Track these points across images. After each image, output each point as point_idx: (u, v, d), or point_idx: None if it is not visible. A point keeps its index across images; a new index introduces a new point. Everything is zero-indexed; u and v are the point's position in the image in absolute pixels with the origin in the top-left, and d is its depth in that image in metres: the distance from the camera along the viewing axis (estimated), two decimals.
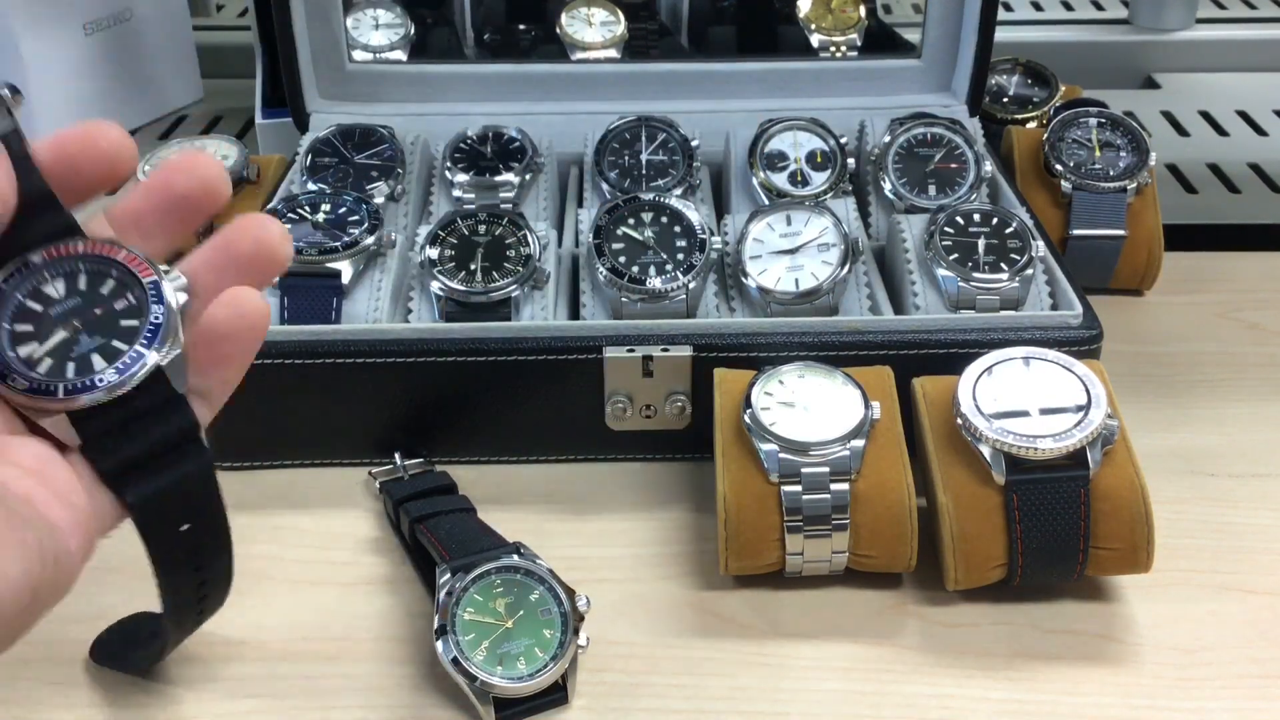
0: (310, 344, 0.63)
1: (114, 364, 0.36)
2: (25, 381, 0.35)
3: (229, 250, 0.39)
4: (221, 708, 0.52)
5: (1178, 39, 1.19)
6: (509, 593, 0.52)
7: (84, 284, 0.37)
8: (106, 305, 0.37)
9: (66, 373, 0.36)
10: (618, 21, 0.91)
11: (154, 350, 0.36)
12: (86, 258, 0.37)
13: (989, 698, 0.52)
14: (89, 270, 0.37)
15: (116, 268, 0.37)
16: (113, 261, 0.37)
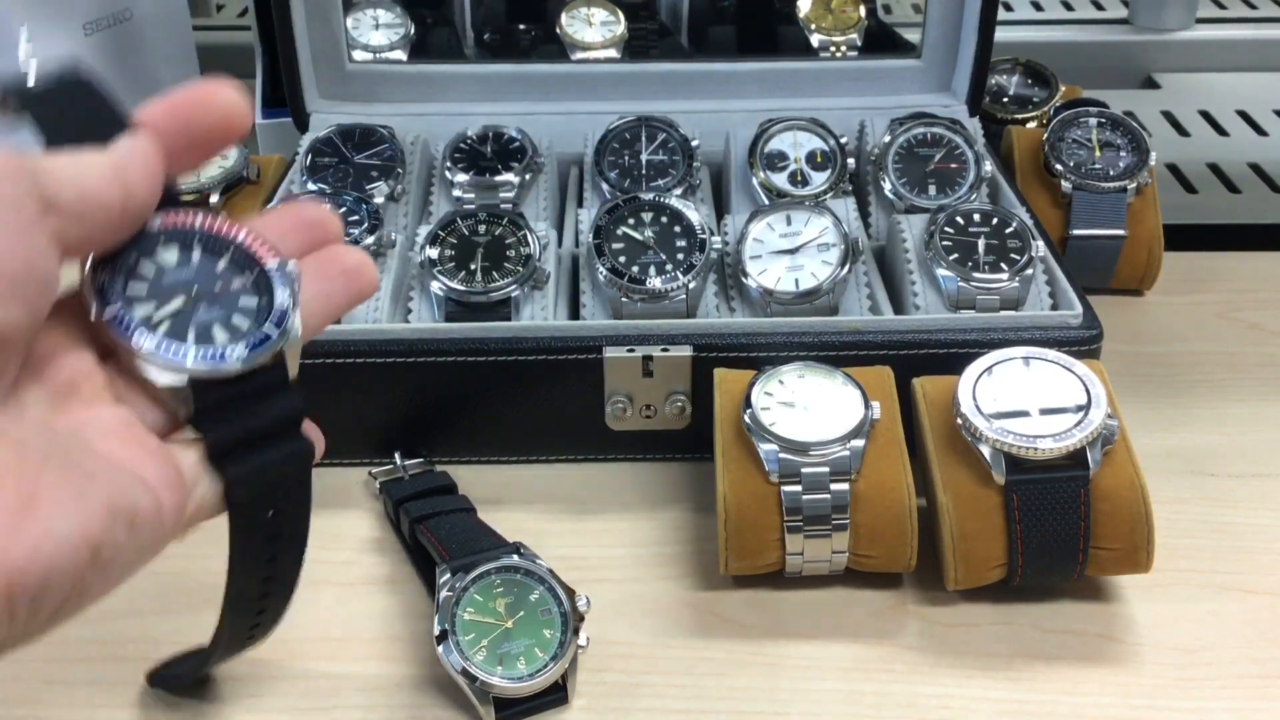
0: (310, 344, 0.62)
1: (242, 340, 0.36)
2: (151, 341, 0.34)
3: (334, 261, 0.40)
4: (222, 708, 0.52)
5: (1178, 39, 1.19)
6: (509, 593, 0.52)
7: (198, 257, 0.37)
8: (224, 281, 0.37)
9: (187, 339, 0.35)
10: (618, 21, 0.91)
11: (281, 332, 0.36)
12: (204, 232, 0.37)
13: (989, 698, 0.52)
14: (205, 244, 0.37)
15: (233, 246, 0.37)
16: (230, 240, 0.37)
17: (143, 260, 0.36)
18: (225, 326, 0.36)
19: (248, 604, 0.42)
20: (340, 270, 0.40)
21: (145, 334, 0.34)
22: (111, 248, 0.35)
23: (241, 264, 0.37)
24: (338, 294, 0.40)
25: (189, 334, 0.35)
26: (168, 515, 0.33)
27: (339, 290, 0.40)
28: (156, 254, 0.36)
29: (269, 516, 0.38)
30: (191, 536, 0.65)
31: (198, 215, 0.37)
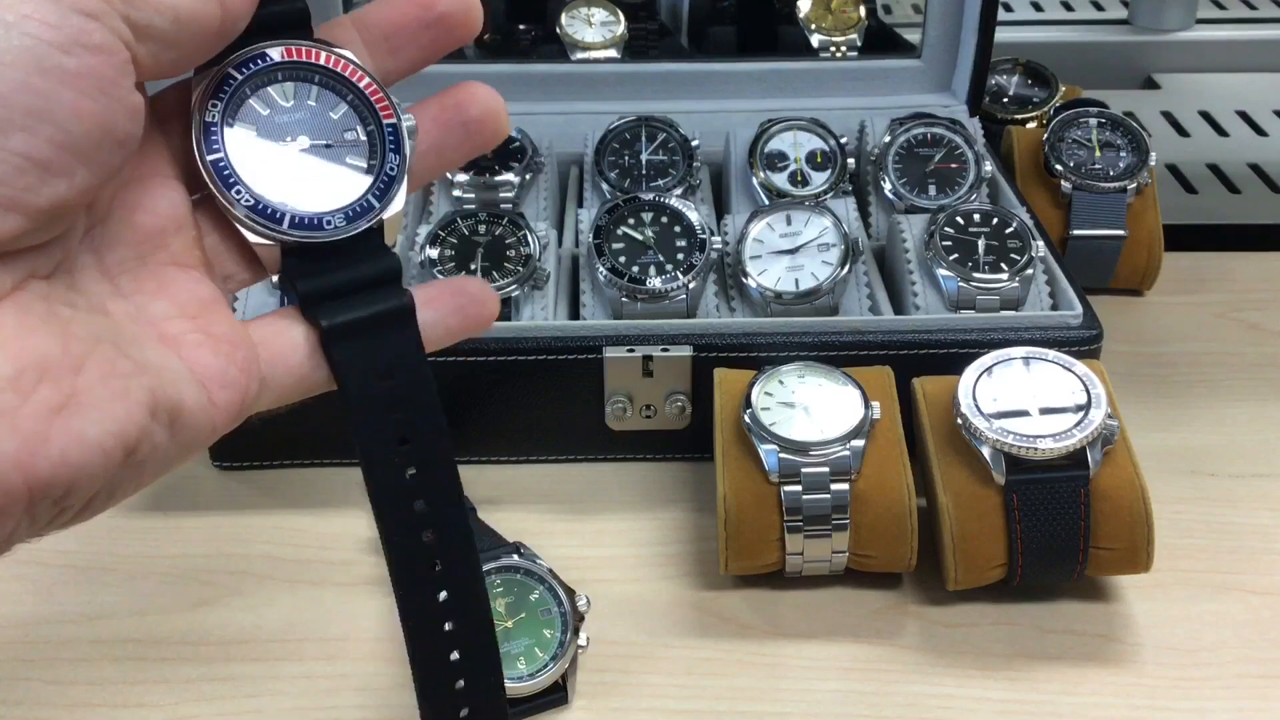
0: None
1: (342, 209, 0.34)
2: (250, 198, 0.33)
3: (460, 111, 0.37)
4: (221, 707, 0.52)
5: (1178, 39, 1.19)
6: (509, 593, 0.52)
7: (314, 96, 0.34)
8: (338, 130, 0.35)
9: (288, 196, 0.33)
10: (618, 21, 0.91)
11: (384, 203, 0.34)
12: (325, 70, 0.34)
13: (989, 698, 0.52)
14: (325, 84, 0.34)
15: (355, 93, 0.35)
16: (353, 85, 0.35)
17: (258, 94, 0.34)
18: (329, 186, 0.34)
19: (397, 502, 0.35)
20: (462, 121, 0.37)
21: (244, 191, 0.33)
22: (226, 77, 0.33)
23: (360, 113, 0.35)
24: (454, 147, 0.37)
25: (291, 189, 0.33)
26: (218, 414, 0.32)
27: (456, 143, 0.37)
28: (272, 89, 0.34)
29: (382, 381, 0.34)
30: (191, 536, 0.65)
31: (322, 52, 0.34)
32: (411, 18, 0.36)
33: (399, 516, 0.35)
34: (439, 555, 0.36)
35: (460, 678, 0.37)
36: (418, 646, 0.36)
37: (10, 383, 0.27)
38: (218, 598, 0.58)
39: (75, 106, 0.28)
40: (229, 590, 0.59)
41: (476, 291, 0.38)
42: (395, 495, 0.34)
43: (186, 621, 0.57)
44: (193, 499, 0.64)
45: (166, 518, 0.62)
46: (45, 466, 0.27)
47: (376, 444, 0.34)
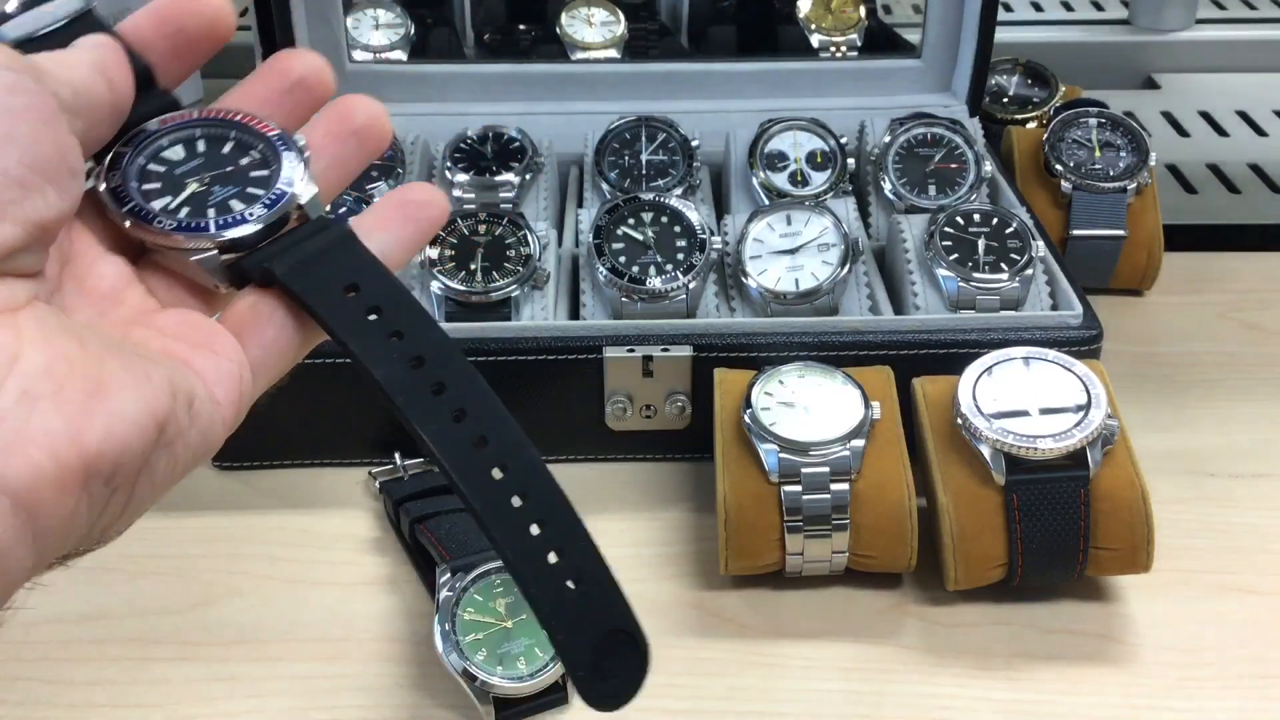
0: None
1: (260, 200, 0.36)
2: (173, 222, 0.35)
3: (346, 122, 0.39)
4: (221, 707, 0.52)
5: (1178, 39, 1.19)
6: (509, 593, 0.52)
7: (204, 146, 0.37)
8: (233, 161, 0.37)
9: (208, 215, 0.35)
10: (618, 21, 0.91)
11: (295, 188, 0.36)
12: (203, 122, 0.37)
13: (989, 698, 0.52)
14: (207, 134, 0.37)
15: (235, 128, 0.37)
16: (231, 123, 0.37)
17: (150, 161, 0.36)
18: (241, 198, 0.36)
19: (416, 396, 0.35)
20: (351, 130, 0.39)
21: (164, 219, 0.35)
22: (116, 154, 0.36)
23: (246, 143, 0.37)
24: (351, 156, 0.39)
25: (208, 212, 0.36)
26: (224, 409, 0.34)
27: (351, 152, 0.39)
28: (162, 153, 0.37)
29: (351, 295, 0.35)
30: (191, 536, 0.65)
31: (193, 110, 0.37)
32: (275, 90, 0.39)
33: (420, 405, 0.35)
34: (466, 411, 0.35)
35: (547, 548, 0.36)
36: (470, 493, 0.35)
37: (45, 371, 0.29)
38: (218, 598, 0.58)
39: (33, 134, 0.31)
40: (229, 590, 0.59)
41: (419, 195, 0.39)
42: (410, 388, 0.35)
43: (186, 621, 0.57)
44: (193, 499, 0.64)
45: (166, 518, 0.62)
46: (93, 441, 0.29)
47: (366, 339, 0.35)
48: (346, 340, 0.34)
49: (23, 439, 0.28)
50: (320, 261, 0.36)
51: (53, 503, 0.29)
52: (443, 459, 0.34)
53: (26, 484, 0.28)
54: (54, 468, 0.28)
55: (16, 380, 0.29)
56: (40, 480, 0.28)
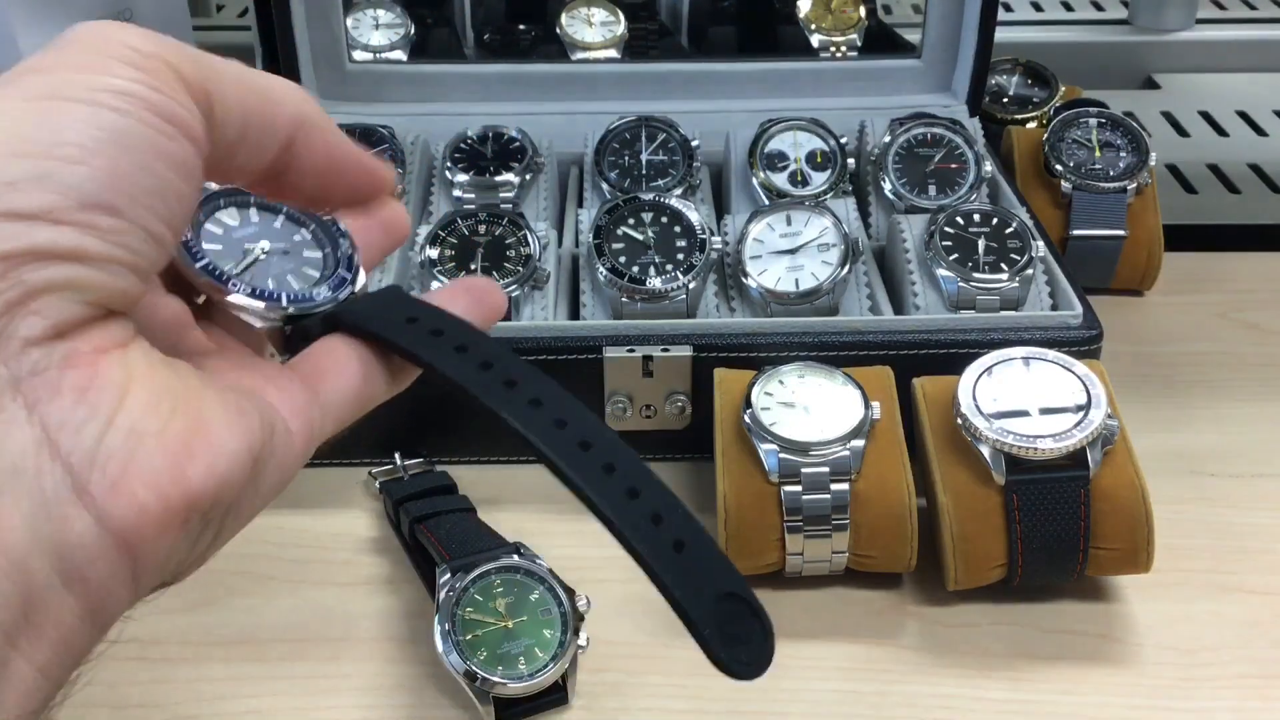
0: None
1: (324, 283, 0.38)
2: (248, 287, 0.36)
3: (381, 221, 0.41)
4: (221, 708, 0.52)
5: (1178, 39, 1.19)
6: (509, 593, 0.52)
7: (255, 215, 0.39)
8: (287, 235, 0.39)
9: (269, 287, 0.37)
10: (618, 21, 0.91)
11: (353, 273, 0.38)
12: (256, 196, 0.39)
13: (989, 698, 0.52)
14: (259, 205, 0.39)
15: (285, 207, 0.39)
16: (281, 206, 0.39)
17: (210, 219, 0.38)
18: (298, 277, 0.38)
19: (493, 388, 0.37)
20: (379, 221, 0.41)
21: (238, 283, 0.36)
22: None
23: (296, 220, 0.39)
24: (376, 244, 0.41)
25: (268, 283, 0.37)
26: (296, 441, 0.34)
27: (377, 241, 0.41)
28: (220, 214, 0.38)
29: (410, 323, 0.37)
30: None
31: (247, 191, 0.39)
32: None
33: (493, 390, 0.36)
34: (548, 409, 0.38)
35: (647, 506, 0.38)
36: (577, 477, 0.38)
37: (151, 408, 0.30)
38: (218, 598, 0.58)
39: (177, 189, 0.31)
40: (229, 590, 0.59)
41: (484, 285, 0.41)
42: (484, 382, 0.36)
43: (186, 621, 0.57)
44: None
45: None
46: (196, 479, 0.30)
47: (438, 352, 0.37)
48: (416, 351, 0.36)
49: (129, 477, 0.29)
50: (378, 305, 0.38)
51: (155, 540, 0.29)
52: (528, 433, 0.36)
53: (132, 523, 0.28)
54: (158, 506, 0.29)
55: (125, 417, 0.29)
56: (145, 519, 0.29)
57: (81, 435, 0.28)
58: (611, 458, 0.38)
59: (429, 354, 0.36)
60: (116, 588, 0.29)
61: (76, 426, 0.28)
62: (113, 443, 0.29)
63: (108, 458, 0.28)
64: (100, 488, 0.28)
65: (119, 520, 0.28)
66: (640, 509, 0.37)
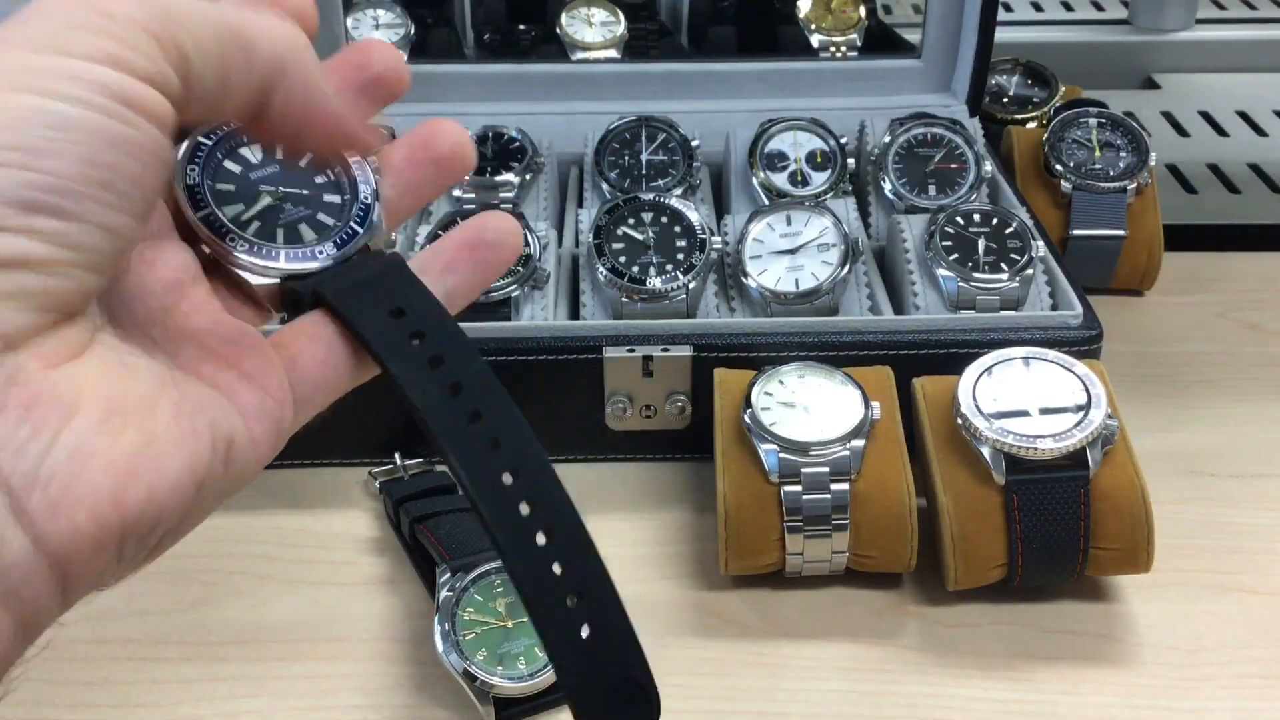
0: None
1: (329, 238, 0.36)
2: (244, 243, 0.35)
3: (428, 148, 0.39)
4: (221, 707, 0.52)
5: (1178, 39, 1.19)
6: (509, 593, 0.52)
7: (280, 151, 0.37)
8: (307, 178, 0.37)
9: (277, 239, 0.36)
10: (618, 21, 0.91)
11: (365, 228, 0.37)
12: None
13: (989, 698, 0.52)
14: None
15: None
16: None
17: (227, 159, 0.36)
18: (312, 224, 0.36)
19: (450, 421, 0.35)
20: (432, 158, 0.39)
21: (237, 238, 0.35)
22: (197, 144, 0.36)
23: (323, 161, 0.37)
24: (428, 183, 0.39)
25: (278, 234, 0.36)
26: (260, 447, 0.33)
27: (428, 179, 0.39)
28: (240, 151, 0.36)
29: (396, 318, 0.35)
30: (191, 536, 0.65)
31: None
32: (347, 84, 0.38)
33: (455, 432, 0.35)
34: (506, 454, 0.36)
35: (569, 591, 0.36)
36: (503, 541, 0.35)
37: (102, 425, 0.29)
38: (218, 598, 0.58)
39: (134, 175, 0.30)
40: (229, 590, 0.59)
41: (494, 234, 0.39)
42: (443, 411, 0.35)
43: (186, 621, 0.57)
44: None
45: None
46: (134, 503, 0.29)
47: (410, 366, 0.35)
48: (387, 363, 0.34)
49: (69, 501, 0.28)
50: (370, 286, 0.36)
51: (87, 562, 0.29)
52: (470, 486, 0.34)
53: (67, 546, 0.28)
54: (94, 529, 0.28)
55: (71, 435, 0.28)
56: (80, 542, 0.28)
57: (23, 456, 0.28)
58: (551, 520, 0.36)
59: (399, 367, 0.34)
60: (47, 603, 0.28)
61: (18, 446, 0.28)
62: (55, 463, 0.28)
63: (49, 479, 0.28)
64: (39, 510, 0.28)
65: (54, 542, 0.28)
66: (563, 583, 0.35)
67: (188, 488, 0.31)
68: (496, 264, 0.39)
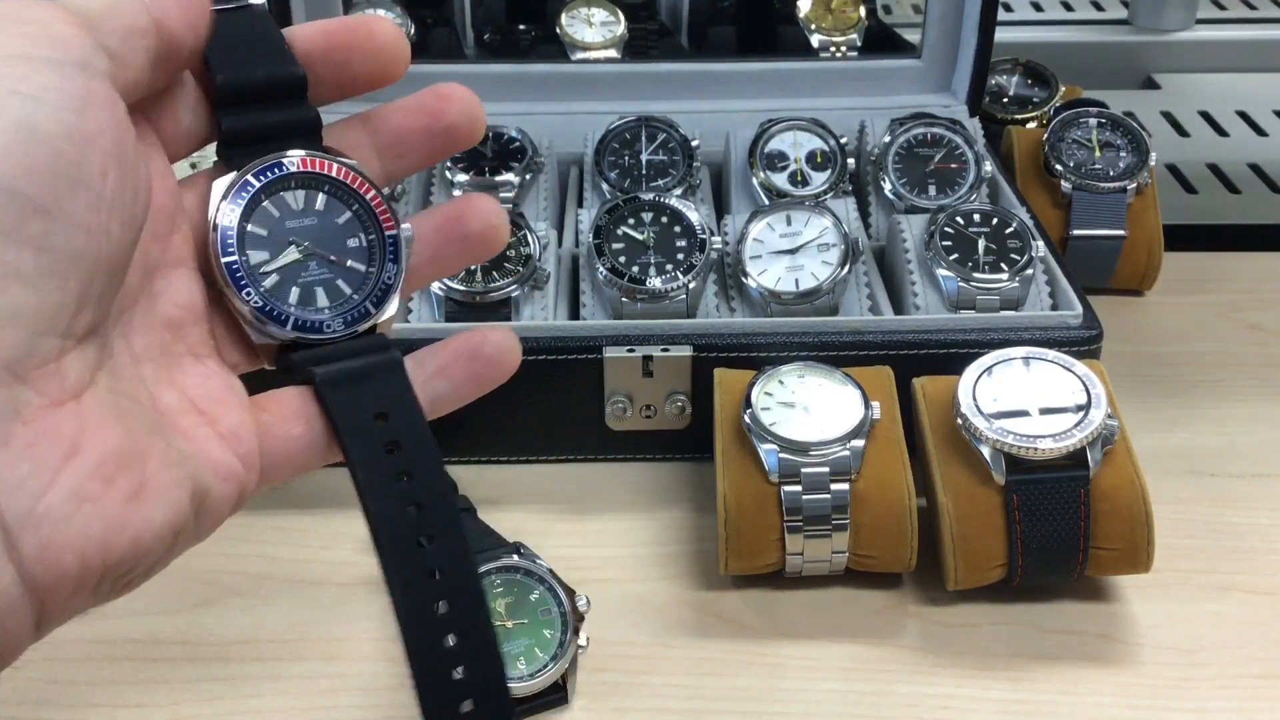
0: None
1: (340, 312, 0.36)
2: (259, 300, 0.35)
3: (461, 223, 0.39)
4: (222, 707, 0.52)
5: (1178, 39, 1.19)
6: (509, 593, 0.52)
7: (323, 204, 0.37)
8: (340, 238, 0.37)
9: (290, 298, 0.36)
10: (618, 21, 0.91)
11: (379, 309, 0.37)
12: (335, 181, 0.37)
13: (989, 698, 0.52)
14: (333, 193, 0.37)
15: (360, 202, 0.37)
16: (359, 195, 0.37)
17: (271, 198, 0.36)
18: (329, 290, 0.36)
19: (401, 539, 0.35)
20: (463, 234, 0.39)
21: (253, 293, 0.35)
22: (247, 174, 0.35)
23: (363, 221, 0.37)
24: (453, 256, 0.39)
25: (292, 294, 0.36)
26: (225, 505, 0.34)
27: (455, 253, 0.39)
28: (285, 194, 0.36)
29: (377, 420, 0.35)
30: None
31: (333, 163, 0.37)
32: (421, 126, 0.39)
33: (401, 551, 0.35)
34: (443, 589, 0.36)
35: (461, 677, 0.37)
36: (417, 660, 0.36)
37: (99, 469, 0.29)
38: (218, 598, 0.58)
39: (100, 167, 0.30)
40: (229, 590, 0.59)
41: (493, 352, 0.39)
42: (397, 526, 0.35)
43: (186, 621, 0.57)
44: None
45: None
46: (119, 549, 0.30)
47: (377, 475, 0.35)
48: (355, 468, 0.35)
49: (60, 542, 0.29)
50: (361, 381, 0.36)
51: (66, 600, 0.29)
52: (399, 605, 0.35)
53: (52, 584, 0.29)
54: (78, 571, 0.29)
55: (69, 478, 0.29)
56: (63, 580, 0.29)
57: (21, 492, 0.28)
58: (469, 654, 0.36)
59: (364, 474, 0.34)
60: (23, 634, 0.29)
61: (18, 483, 0.28)
62: (51, 504, 0.28)
63: (43, 518, 0.28)
64: (30, 547, 0.28)
65: (40, 580, 0.28)
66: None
67: (168, 538, 0.31)
68: (490, 380, 0.39)
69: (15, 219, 0.28)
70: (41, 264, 0.29)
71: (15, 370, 0.28)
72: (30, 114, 0.29)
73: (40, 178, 0.29)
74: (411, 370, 0.36)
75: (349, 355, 0.36)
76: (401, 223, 0.38)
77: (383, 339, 0.37)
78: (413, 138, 0.39)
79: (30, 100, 0.29)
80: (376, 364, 0.36)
